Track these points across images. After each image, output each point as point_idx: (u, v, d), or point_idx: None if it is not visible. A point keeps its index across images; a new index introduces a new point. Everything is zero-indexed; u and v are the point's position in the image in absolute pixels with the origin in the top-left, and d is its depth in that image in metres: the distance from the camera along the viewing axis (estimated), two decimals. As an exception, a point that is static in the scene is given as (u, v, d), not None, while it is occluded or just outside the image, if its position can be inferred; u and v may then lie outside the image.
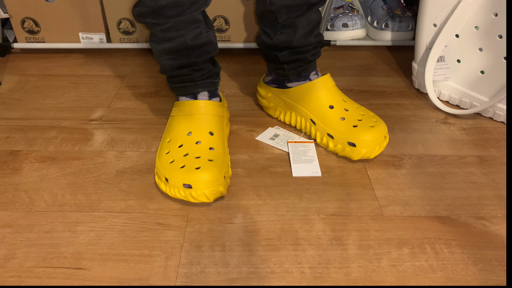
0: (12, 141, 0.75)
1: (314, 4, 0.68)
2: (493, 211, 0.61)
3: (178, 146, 0.65)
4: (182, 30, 0.64)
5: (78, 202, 0.62)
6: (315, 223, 0.59)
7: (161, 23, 0.63)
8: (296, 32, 0.69)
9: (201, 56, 0.68)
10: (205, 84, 0.71)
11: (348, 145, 0.68)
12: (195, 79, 0.70)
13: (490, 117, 0.82)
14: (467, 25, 0.78)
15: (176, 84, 0.71)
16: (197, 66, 0.69)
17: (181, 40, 0.65)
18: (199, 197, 0.59)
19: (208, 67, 0.71)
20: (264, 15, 0.71)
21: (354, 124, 0.69)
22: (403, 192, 0.65)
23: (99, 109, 0.85)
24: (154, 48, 0.68)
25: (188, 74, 0.69)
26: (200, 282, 0.51)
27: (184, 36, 0.65)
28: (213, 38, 0.69)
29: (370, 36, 1.11)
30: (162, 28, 0.64)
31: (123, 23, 1.01)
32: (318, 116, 0.72)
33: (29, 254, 0.54)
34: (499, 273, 0.53)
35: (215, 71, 0.72)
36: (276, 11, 0.67)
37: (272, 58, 0.75)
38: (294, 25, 0.69)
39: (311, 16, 0.69)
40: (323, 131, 0.71)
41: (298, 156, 0.70)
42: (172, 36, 0.65)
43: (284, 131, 0.77)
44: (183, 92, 0.71)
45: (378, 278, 0.52)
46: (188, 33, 0.65)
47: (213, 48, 0.69)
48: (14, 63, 1.02)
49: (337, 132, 0.69)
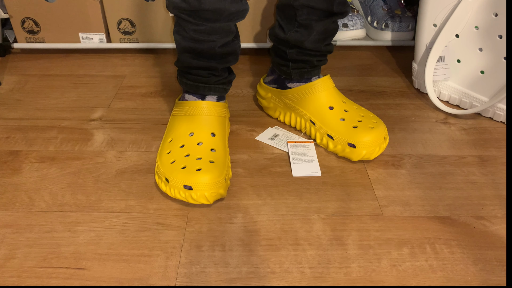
0: (12, 141, 0.75)
1: (335, 14, 0.69)
2: (493, 211, 0.61)
3: (180, 147, 0.65)
4: (214, 35, 0.64)
5: (78, 202, 0.62)
6: (315, 223, 0.59)
7: (197, 24, 0.63)
8: (310, 35, 0.70)
9: (222, 64, 0.69)
10: (217, 88, 0.71)
11: (348, 146, 0.68)
12: (210, 83, 0.70)
13: (490, 117, 0.82)
14: (467, 25, 0.78)
15: (189, 81, 0.70)
16: (216, 72, 0.69)
17: (210, 45, 0.65)
18: (199, 199, 0.59)
19: (225, 74, 0.71)
20: (285, 9, 0.71)
21: (354, 125, 0.69)
22: (403, 192, 0.65)
23: (99, 109, 0.85)
24: (179, 42, 0.67)
25: (205, 77, 0.69)
26: (200, 282, 0.51)
27: (214, 42, 0.65)
28: (238, 49, 0.70)
29: (370, 36, 1.11)
30: (195, 28, 0.64)
31: (123, 23, 1.01)
32: (318, 117, 0.72)
33: (29, 254, 0.54)
34: (499, 273, 0.53)
35: (230, 79, 0.73)
36: (298, 8, 0.68)
37: (280, 54, 0.75)
38: (310, 27, 0.69)
39: (329, 25, 0.70)
40: (323, 131, 0.71)
41: (298, 156, 0.70)
42: (203, 38, 0.64)
43: (284, 131, 0.77)
44: (194, 90, 0.71)
45: (378, 278, 0.52)
46: (219, 40, 0.65)
47: (235, 58, 0.70)
48: (14, 63, 1.02)
49: (337, 133, 0.69)
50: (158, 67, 1.01)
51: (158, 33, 1.03)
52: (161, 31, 1.02)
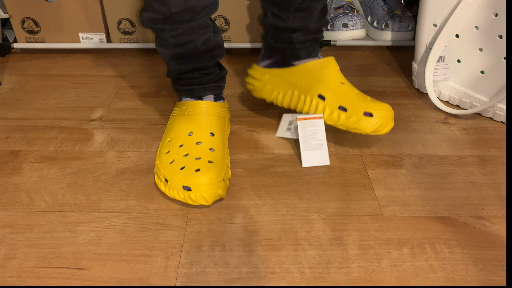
0: (12, 141, 0.75)
1: None
2: (493, 211, 0.61)
3: (179, 146, 0.65)
4: (193, 35, 0.64)
5: (78, 202, 0.62)
6: (315, 223, 0.59)
7: (173, 29, 0.63)
8: (312, 16, 0.70)
9: (210, 60, 0.69)
10: (212, 87, 0.71)
11: (363, 116, 0.68)
12: (203, 83, 0.70)
13: (490, 117, 0.82)
14: (467, 25, 0.78)
15: (183, 87, 0.71)
16: (207, 70, 0.69)
17: (192, 45, 0.65)
18: (198, 200, 0.59)
19: (216, 70, 0.71)
20: None
21: (369, 99, 0.71)
22: (403, 192, 0.65)
23: (99, 109, 0.85)
24: (163, 53, 0.68)
25: (197, 78, 0.70)
26: (200, 282, 0.51)
27: (195, 41, 0.65)
28: (221, 41, 0.69)
29: (370, 36, 1.10)
30: (173, 33, 0.64)
31: (123, 23, 1.01)
32: (331, 90, 0.71)
33: (29, 254, 0.54)
34: (499, 273, 0.53)
35: (222, 75, 0.73)
36: None
37: (283, 39, 0.74)
38: (311, 8, 0.70)
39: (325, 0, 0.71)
40: (335, 104, 0.70)
41: (308, 141, 0.70)
42: (183, 41, 0.65)
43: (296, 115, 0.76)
44: (190, 94, 0.71)
45: (378, 278, 0.52)
46: (199, 38, 0.65)
47: (221, 51, 0.70)
48: (14, 63, 1.02)
49: (352, 103, 0.69)
50: (158, 67, 1.01)
51: (158, 33, 1.03)
52: (161, 31, 1.02)
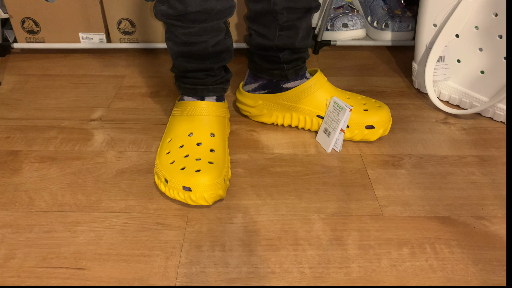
0: (12, 141, 0.75)
1: (313, 8, 0.70)
2: (493, 211, 0.61)
3: (179, 147, 0.65)
4: (204, 36, 0.64)
5: (78, 202, 0.62)
6: (315, 223, 0.59)
7: (185, 27, 0.63)
8: (297, 34, 0.71)
9: (217, 63, 0.69)
10: (215, 89, 0.71)
11: (365, 128, 0.72)
12: (207, 84, 0.70)
13: (490, 117, 0.82)
14: (467, 25, 0.78)
15: (187, 85, 0.71)
16: (212, 72, 0.69)
17: (202, 46, 0.65)
18: (198, 200, 0.59)
19: (221, 73, 0.71)
20: (261, 17, 0.71)
21: (364, 109, 0.73)
22: (403, 192, 0.65)
23: (99, 109, 0.85)
24: (171, 48, 0.68)
25: (201, 78, 0.69)
26: (200, 282, 0.51)
27: (206, 42, 0.65)
28: (231, 46, 0.70)
29: (370, 36, 1.11)
30: (185, 32, 0.64)
31: (123, 23, 1.01)
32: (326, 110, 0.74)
33: (29, 254, 0.54)
34: (499, 273, 0.53)
35: (227, 78, 0.73)
36: (279, 11, 0.68)
37: (270, 59, 0.74)
38: (295, 27, 0.70)
39: (309, 20, 0.72)
40: None
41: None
42: (194, 40, 0.65)
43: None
44: (192, 93, 0.71)
45: (378, 278, 0.52)
46: (210, 40, 0.65)
47: (229, 55, 0.70)
48: (14, 63, 1.02)
49: (351, 121, 0.72)
50: (158, 67, 1.01)
51: (158, 33, 1.03)
52: (161, 31, 1.02)
